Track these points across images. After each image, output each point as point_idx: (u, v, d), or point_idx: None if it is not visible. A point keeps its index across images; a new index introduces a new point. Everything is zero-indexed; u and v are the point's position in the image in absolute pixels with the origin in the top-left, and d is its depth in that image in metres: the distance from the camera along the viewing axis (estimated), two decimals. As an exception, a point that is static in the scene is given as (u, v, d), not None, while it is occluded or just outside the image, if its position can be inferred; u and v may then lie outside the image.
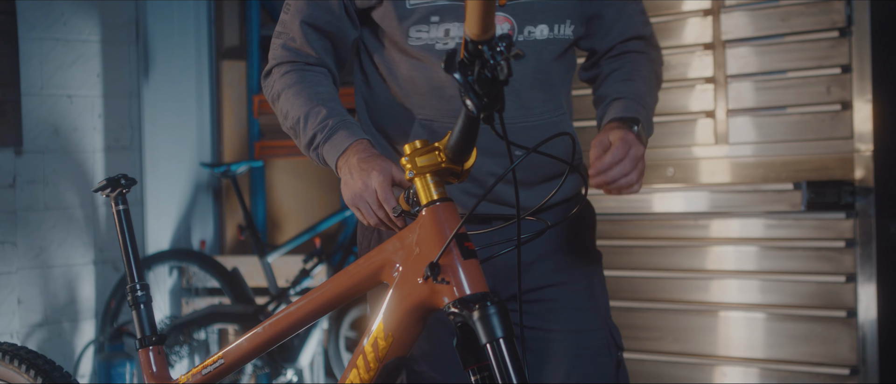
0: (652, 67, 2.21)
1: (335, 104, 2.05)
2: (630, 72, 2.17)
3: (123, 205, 2.23)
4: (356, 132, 1.99)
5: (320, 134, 1.99)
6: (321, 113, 2.00)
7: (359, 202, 1.89)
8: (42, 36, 4.62)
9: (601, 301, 2.21)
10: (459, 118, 1.67)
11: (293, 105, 2.04)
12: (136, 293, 2.18)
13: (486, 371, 1.72)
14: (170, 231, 5.09)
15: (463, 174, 1.74)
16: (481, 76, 1.56)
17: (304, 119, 2.01)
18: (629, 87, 2.14)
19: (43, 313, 4.64)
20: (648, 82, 2.18)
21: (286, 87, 2.07)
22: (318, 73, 2.10)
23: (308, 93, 2.04)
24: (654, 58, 2.23)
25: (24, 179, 4.56)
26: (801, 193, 3.41)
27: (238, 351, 1.96)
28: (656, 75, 2.22)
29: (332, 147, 1.97)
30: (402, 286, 1.74)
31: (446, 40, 1.99)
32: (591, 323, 2.15)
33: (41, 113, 4.62)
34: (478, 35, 1.52)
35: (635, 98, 2.12)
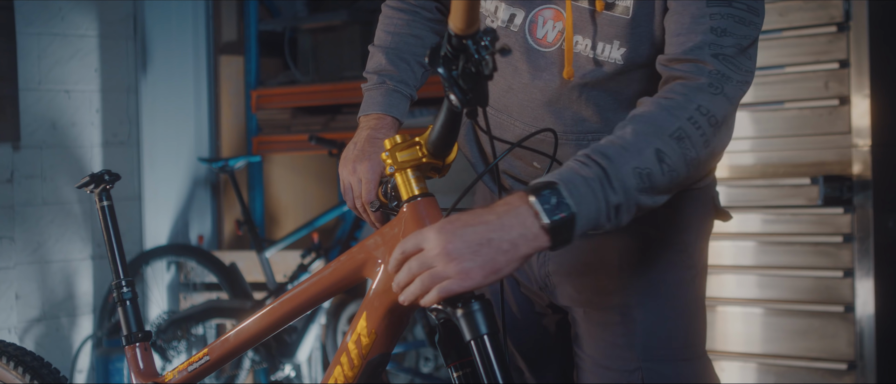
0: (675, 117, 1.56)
1: (402, 57, 2.04)
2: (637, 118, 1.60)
3: (108, 201, 2.22)
4: (389, 102, 1.99)
5: (368, 80, 2.04)
6: (380, 61, 2.03)
7: (345, 183, 1.92)
8: (40, 31, 4.61)
9: (645, 338, 1.88)
10: (441, 112, 1.65)
11: (377, 32, 2.08)
12: (122, 290, 2.18)
13: (468, 367, 1.70)
14: (167, 226, 5.09)
15: (444, 169, 1.73)
16: (466, 70, 1.54)
17: (371, 54, 2.06)
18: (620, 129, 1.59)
19: (41, 308, 4.64)
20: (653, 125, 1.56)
21: (385, 7, 2.11)
22: (418, 11, 2.09)
23: (390, 29, 2.06)
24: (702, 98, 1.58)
25: (21, 174, 4.55)
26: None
27: (224, 347, 1.95)
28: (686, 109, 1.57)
29: (366, 100, 2.01)
30: (384, 282, 1.72)
31: (493, 19, 1.87)
32: (618, 362, 1.91)
33: (39, 108, 4.62)
34: (462, 29, 1.51)
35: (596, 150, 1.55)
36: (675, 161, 1.57)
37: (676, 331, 1.92)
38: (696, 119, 1.58)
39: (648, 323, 1.90)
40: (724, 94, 1.61)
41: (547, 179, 1.52)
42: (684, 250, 1.93)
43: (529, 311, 2.08)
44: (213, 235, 5.25)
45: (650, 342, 1.90)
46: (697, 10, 1.64)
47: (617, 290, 1.91)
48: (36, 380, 2.20)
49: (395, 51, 2.05)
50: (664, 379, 1.89)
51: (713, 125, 1.60)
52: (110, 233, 2.20)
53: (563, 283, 1.96)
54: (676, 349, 1.91)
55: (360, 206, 1.89)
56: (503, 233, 1.50)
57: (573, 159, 1.55)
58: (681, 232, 1.93)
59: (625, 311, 1.91)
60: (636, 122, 1.57)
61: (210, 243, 5.23)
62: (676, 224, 1.92)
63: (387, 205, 1.79)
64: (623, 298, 1.91)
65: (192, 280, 5.01)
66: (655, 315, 1.90)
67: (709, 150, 1.60)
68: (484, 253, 1.50)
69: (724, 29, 1.62)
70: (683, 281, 1.93)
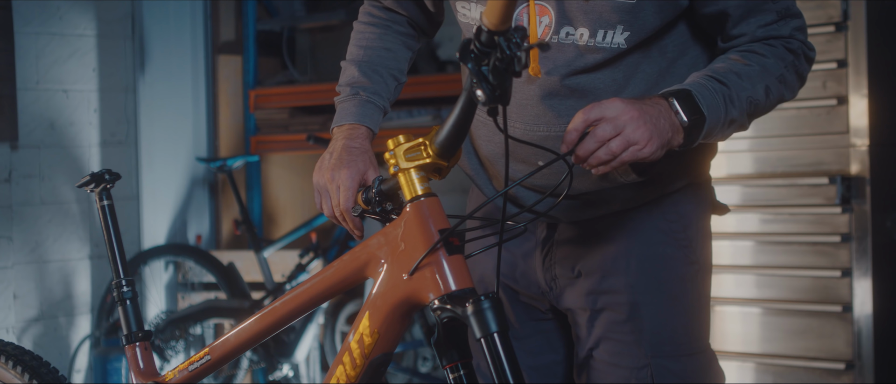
0: (782, 57, 1.84)
1: (374, 69, 2.05)
2: (744, 53, 1.83)
3: (108, 200, 2.22)
4: (363, 113, 1.99)
5: (341, 93, 2.04)
6: (353, 74, 2.04)
7: (321, 190, 1.91)
8: (38, 30, 4.61)
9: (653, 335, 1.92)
10: (455, 110, 1.65)
11: (349, 48, 2.11)
12: (122, 289, 2.18)
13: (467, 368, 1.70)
14: (166, 226, 5.08)
15: (445, 170, 1.73)
16: (496, 67, 1.54)
17: (343, 69, 2.08)
18: (724, 62, 1.81)
19: (39, 308, 4.63)
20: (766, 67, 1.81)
21: (356, 24, 2.13)
22: (389, 25, 2.11)
23: (362, 43, 2.08)
24: (793, 47, 1.85)
25: (19, 174, 4.55)
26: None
27: (225, 346, 1.95)
28: (787, 65, 1.83)
29: (339, 112, 2.02)
30: (387, 282, 1.73)
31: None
32: (626, 359, 1.93)
33: (37, 107, 4.61)
34: (497, 25, 1.51)
35: (713, 72, 1.78)
36: (774, 98, 1.84)
37: (683, 327, 1.94)
38: (796, 71, 1.86)
39: (656, 320, 1.93)
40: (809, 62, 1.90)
41: (680, 87, 1.73)
42: (688, 246, 1.97)
43: (528, 319, 2.08)
44: (211, 235, 5.25)
45: (658, 339, 1.92)
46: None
47: (624, 289, 1.93)
48: (35, 379, 2.20)
49: (368, 63, 2.05)
50: (672, 374, 1.92)
51: (800, 80, 1.89)
52: (110, 232, 2.20)
53: (569, 286, 1.98)
54: (683, 344, 1.94)
55: (338, 214, 1.88)
56: (663, 118, 1.69)
57: (695, 76, 1.77)
58: (685, 228, 1.96)
59: (633, 310, 1.93)
60: (754, 60, 1.81)
61: (208, 243, 5.23)
62: (680, 221, 1.96)
63: (368, 211, 1.79)
64: (631, 297, 1.93)
65: (190, 280, 5.00)
66: (663, 312, 1.93)
67: (792, 96, 1.89)
68: (661, 125, 1.69)
69: (786, 7, 1.86)
70: (688, 277, 1.96)
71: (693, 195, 1.99)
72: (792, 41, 1.85)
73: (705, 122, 1.73)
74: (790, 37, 1.85)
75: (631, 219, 1.95)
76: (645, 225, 1.94)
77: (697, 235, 1.99)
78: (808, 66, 1.89)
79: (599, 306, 1.95)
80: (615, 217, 1.94)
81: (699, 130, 1.73)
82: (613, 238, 1.94)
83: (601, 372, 1.95)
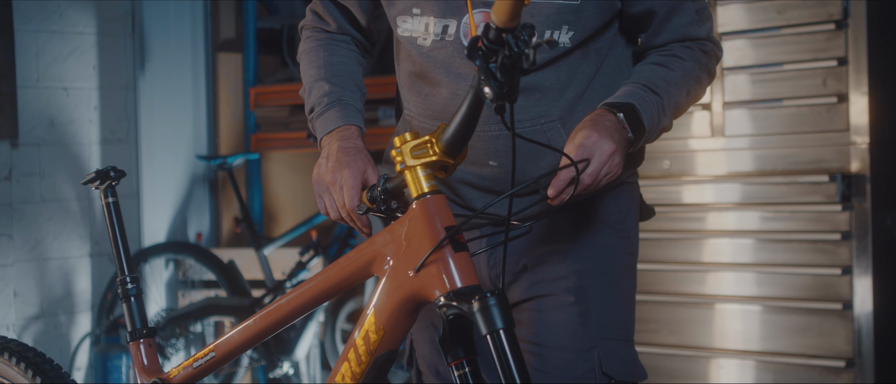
0: (698, 59, 2.01)
1: (340, 80, 2.07)
2: (667, 58, 2.01)
3: (113, 197, 2.21)
4: (348, 115, 2.01)
5: (317, 107, 2.04)
6: (324, 88, 2.05)
7: (323, 192, 1.92)
8: (38, 28, 4.61)
9: (599, 318, 2.01)
10: (461, 109, 1.66)
11: (305, 73, 2.11)
12: (127, 286, 2.18)
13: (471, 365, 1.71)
14: (166, 223, 5.09)
15: (451, 169, 1.74)
16: (504, 64, 1.55)
17: (308, 91, 2.08)
18: (654, 70, 1.98)
19: (39, 306, 4.63)
20: (688, 72, 1.99)
21: (304, 52, 2.14)
22: (338, 43, 2.14)
23: (319, 63, 2.09)
24: (707, 49, 2.03)
25: (20, 172, 4.55)
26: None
27: (229, 343, 1.95)
28: (703, 67, 2.02)
29: (322, 123, 2.02)
30: (392, 279, 1.73)
31: (426, 36, 1.95)
32: (575, 342, 1.99)
33: (37, 105, 4.61)
34: (505, 22, 1.52)
35: (648, 82, 1.94)
36: (692, 99, 2.02)
37: (622, 313, 2.05)
38: (708, 71, 2.04)
39: (601, 303, 2.01)
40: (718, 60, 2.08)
41: (625, 101, 1.87)
42: (627, 238, 2.08)
43: None
44: (211, 233, 5.25)
45: (603, 321, 2.01)
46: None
47: (571, 274, 2.01)
48: (39, 376, 2.21)
49: (335, 76, 2.08)
50: (618, 358, 2.00)
51: (711, 78, 2.06)
52: (115, 229, 2.20)
53: (515, 281, 2.04)
54: (622, 330, 2.04)
55: (344, 214, 1.89)
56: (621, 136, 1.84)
57: (632, 87, 1.92)
58: (623, 221, 2.07)
59: (580, 293, 2.00)
60: (680, 67, 1.99)
61: (208, 241, 5.23)
62: (619, 214, 2.06)
63: (373, 209, 1.80)
64: (578, 281, 2.01)
65: (190, 277, 5.01)
66: (606, 296, 2.02)
67: (703, 94, 2.07)
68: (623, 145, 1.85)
69: (701, 7, 2.02)
70: (628, 267, 2.08)
71: (628, 193, 2.10)
72: (707, 43, 2.03)
73: (645, 134, 1.89)
74: (707, 38, 2.03)
75: (576, 212, 2.02)
76: (588, 217, 2.03)
77: (634, 229, 2.10)
78: (716, 64, 2.07)
79: (545, 292, 2.02)
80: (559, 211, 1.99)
81: (639, 141, 1.90)
82: (558, 230, 2.01)
83: (547, 358, 1.99)
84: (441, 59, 1.95)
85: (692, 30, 2.00)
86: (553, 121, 1.95)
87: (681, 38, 2.01)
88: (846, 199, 3.43)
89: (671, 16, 1.99)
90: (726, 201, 3.67)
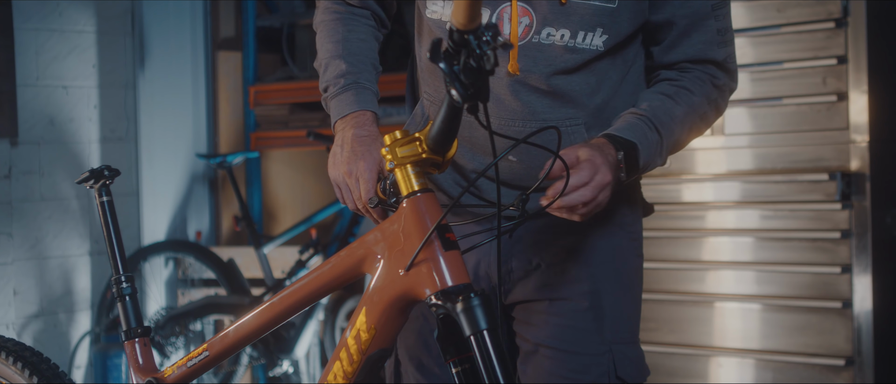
0: (707, 94, 1.95)
1: (358, 59, 2.03)
2: (678, 90, 1.94)
3: (107, 196, 2.21)
4: (363, 99, 1.98)
5: (332, 87, 2.01)
6: (340, 67, 2.01)
7: (340, 184, 1.91)
8: (37, 26, 4.61)
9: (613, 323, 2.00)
10: (442, 108, 1.66)
11: (322, 47, 2.06)
12: (121, 285, 2.18)
13: (467, 363, 1.71)
14: (166, 222, 5.09)
15: (444, 165, 1.73)
16: (467, 66, 1.54)
17: (325, 67, 2.04)
18: (662, 103, 1.92)
19: (39, 304, 4.64)
20: (693, 108, 1.93)
21: (322, 24, 2.09)
22: (357, 18, 2.09)
23: (337, 38, 2.04)
24: (720, 84, 1.96)
25: (19, 170, 4.55)
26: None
27: (223, 342, 1.95)
28: (711, 103, 1.96)
29: (337, 105, 1.99)
30: (383, 278, 1.73)
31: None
32: (590, 347, 1.98)
33: (37, 103, 4.61)
34: (464, 24, 1.52)
35: (654, 118, 1.89)
36: (693, 136, 1.98)
37: (633, 316, 2.05)
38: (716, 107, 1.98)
39: (614, 307, 2.00)
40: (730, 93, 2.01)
41: (628, 138, 1.83)
42: (637, 240, 2.08)
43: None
44: (211, 231, 5.25)
45: (616, 325, 2.00)
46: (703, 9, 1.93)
47: (586, 278, 1.99)
48: (36, 375, 2.20)
49: (352, 55, 2.04)
50: (629, 360, 2.00)
51: (718, 114, 2.00)
52: (110, 228, 2.20)
53: (523, 278, 2.02)
54: (634, 332, 2.04)
55: (361, 206, 1.88)
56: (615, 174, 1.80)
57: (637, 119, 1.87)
58: (634, 223, 2.07)
59: (594, 298, 1.99)
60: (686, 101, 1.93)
61: (208, 239, 5.23)
62: (631, 216, 2.05)
63: (386, 202, 1.79)
64: (592, 285, 1.99)
65: (190, 276, 5.01)
66: (619, 300, 2.01)
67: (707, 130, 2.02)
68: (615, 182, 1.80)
69: (725, 27, 1.95)
70: (638, 269, 2.07)
71: (634, 193, 2.09)
72: (720, 75, 1.96)
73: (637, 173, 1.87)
74: (723, 63, 1.95)
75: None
76: (602, 218, 1.99)
77: (641, 231, 2.10)
78: (727, 99, 2.00)
79: (558, 295, 2.00)
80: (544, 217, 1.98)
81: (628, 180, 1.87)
82: (573, 230, 1.98)
83: (556, 361, 1.98)
84: None
85: (710, 50, 1.94)
86: (578, 124, 1.94)
87: (697, 58, 1.95)
88: (846, 198, 3.42)
89: (691, 31, 1.93)
90: (726, 199, 3.66)
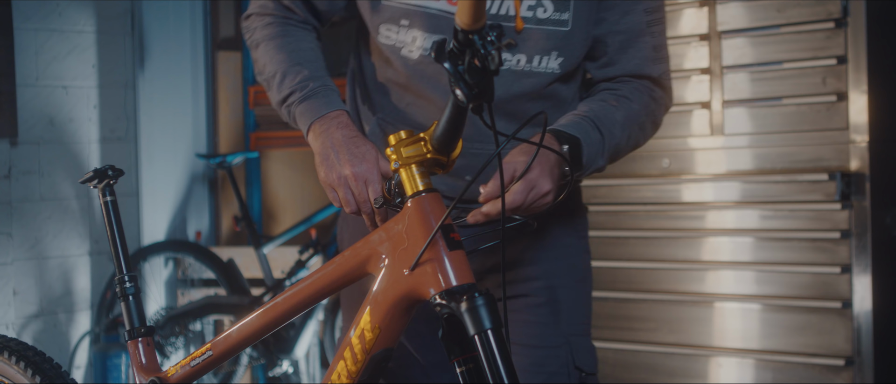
0: (645, 105, 1.99)
1: (317, 66, 2.00)
2: (618, 97, 1.98)
3: (111, 196, 2.21)
4: (336, 101, 1.95)
5: (297, 92, 1.94)
6: (302, 73, 1.95)
7: (340, 186, 1.86)
8: (37, 26, 4.61)
9: (568, 316, 2.07)
10: (447, 109, 1.66)
11: (273, 59, 1.98)
12: (125, 285, 2.18)
13: (471, 362, 1.71)
14: (165, 222, 5.08)
15: (448, 165, 1.73)
16: (472, 66, 1.55)
17: (282, 76, 1.96)
18: (602, 107, 1.95)
19: (38, 304, 4.63)
20: (632, 116, 1.97)
21: (267, 38, 2.02)
22: (303, 30, 2.05)
23: (290, 49, 1.99)
24: (656, 97, 2.01)
25: (19, 170, 4.55)
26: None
27: (226, 342, 1.95)
28: (649, 114, 2.00)
29: (307, 109, 1.93)
30: (388, 277, 1.73)
31: (412, 48, 1.95)
32: (549, 339, 2.04)
33: (36, 104, 4.61)
34: (469, 25, 1.52)
35: (596, 119, 1.92)
36: (632, 145, 2.00)
37: (587, 309, 2.12)
38: (653, 120, 2.02)
39: (570, 301, 2.07)
40: (665, 110, 2.06)
41: (574, 134, 1.86)
42: (584, 236, 2.15)
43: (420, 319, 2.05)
44: (210, 231, 5.25)
45: (571, 318, 2.07)
46: (638, 25, 1.98)
47: (542, 275, 2.06)
48: (38, 375, 2.20)
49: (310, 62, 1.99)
50: (585, 351, 2.07)
51: (655, 128, 2.05)
52: (113, 228, 2.20)
53: (481, 280, 2.05)
54: (586, 325, 2.11)
55: (367, 209, 1.85)
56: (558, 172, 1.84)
57: (578, 118, 1.90)
58: (581, 219, 2.15)
59: (550, 293, 2.06)
60: (625, 108, 1.96)
61: (208, 239, 5.23)
62: (575, 213, 2.12)
63: (391, 202, 1.78)
64: (548, 281, 2.06)
65: (189, 276, 5.00)
66: (574, 294, 2.09)
67: (645, 142, 2.05)
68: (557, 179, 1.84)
69: (660, 44, 2.01)
70: (587, 264, 2.14)
71: (577, 195, 2.16)
72: (656, 89, 2.01)
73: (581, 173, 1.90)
74: (659, 78, 2.01)
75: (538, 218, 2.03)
76: (549, 219, 2.06)
77: (585, 228, 2.17)
78: (663, 115, 2.05)
79: (517, 293, 2.05)
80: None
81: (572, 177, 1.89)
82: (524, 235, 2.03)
83: (518, 355, 2.03)
84: (430, 73, 1.95)
85: (646, 66, 1.99)
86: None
87: (634, 74, 2.00)
88: (845, 198, 3.43)
89: (627, 47, 1.98)
90: (726, 200, 3.67)
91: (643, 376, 3.83)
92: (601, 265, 3.83)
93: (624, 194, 3.81)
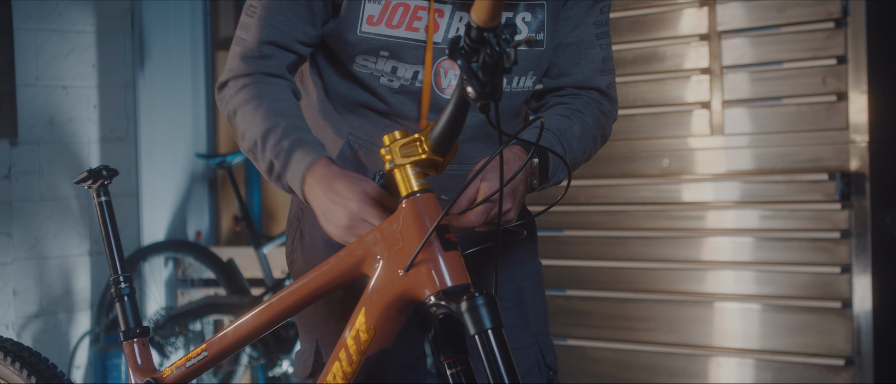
0: (597, 118, 2.03)
1: (293, 119, 1.89)
2: (572, 111, 2.01)
3: (105, 196, 2.21)
4: (312, 150, 1.84)
5: (277, 161, 1.85)
6: (277, 133, 1.84)
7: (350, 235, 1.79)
8: (37, 26, 4.61)
9: (534, 317, 2.12)
10: (448, 107, 1.66)
11: (250, 124, 1.88)
12: (120, 285, 2.18)
13: (463, 364, 1.70)
14: (165, 222, 5.09)
15: (441, 166, 1.73)
16: (485, 63, 1.56)
17: (263, 141, 1.86)
18: (560, 121, 1.98)
19: (38, 304, 4.64)
20: (585, 129, 2.01)
21: (243, 103, 1.90)
22: (277, 86, 1.94)
23: (266, 108, 1.88)
24: (606, 110, 2.06)
25: (19, 170, 4.55)
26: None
27: (222, 342, 1.95)
28: (600, 127, 2.04)
29: (292, 174, 1.84)
30: (382, 278, 1.72)
31: (391, 78, 1.92)
32: (520, 340, 2.07)
33: (36, 104, 4.61)
34: (486, 22, 1.52)
35: (557, 132, 1.95)
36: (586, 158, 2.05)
37: (545, 309, 2.17)
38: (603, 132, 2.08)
39: (534, 304, 2.12)
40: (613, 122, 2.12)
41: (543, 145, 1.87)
42: (535, 241, 2.20)
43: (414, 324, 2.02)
44: (210, 231, 5.25)
45: (537, 319, 2.12)
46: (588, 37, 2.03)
47: (509, 279, 2.10)
48: (34, 376, 2.20)
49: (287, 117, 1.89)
50: (551, 350, 2.12)
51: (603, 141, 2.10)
52: (108, 228, 2.20)
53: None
54: (547, 325, 2.16)
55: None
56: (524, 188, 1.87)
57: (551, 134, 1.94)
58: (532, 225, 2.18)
59: (518, 295, 2.10)
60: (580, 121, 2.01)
61: (207, 239, 5.23)
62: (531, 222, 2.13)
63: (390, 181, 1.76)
64: (514, 284, 2.10)
65: (189, 276, 5.01)
66: (537, 297, 2.14)
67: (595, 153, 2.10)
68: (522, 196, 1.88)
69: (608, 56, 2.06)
70: (541, 269, 2.19)
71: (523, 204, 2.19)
72: (605, 102, 2.06)
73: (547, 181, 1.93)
74: (606, 90, 2.06)
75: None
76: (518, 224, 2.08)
77: (536, 233, 2.22)
78: (611, 127, 2.10)
79: None
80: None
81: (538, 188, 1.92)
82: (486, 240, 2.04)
83: None
84: (410, 101, 1.94)
85: (595, 78, 2.04)
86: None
87: (582, 85, 2.04)
88: (845, 198, 3.42)
89: (578, 58, 2.02)
90: (725, 200, 3.66)
91: (643, 376, 3.83)
92: (601, 265, 3.83)
93: (624, 194, 3.80)
